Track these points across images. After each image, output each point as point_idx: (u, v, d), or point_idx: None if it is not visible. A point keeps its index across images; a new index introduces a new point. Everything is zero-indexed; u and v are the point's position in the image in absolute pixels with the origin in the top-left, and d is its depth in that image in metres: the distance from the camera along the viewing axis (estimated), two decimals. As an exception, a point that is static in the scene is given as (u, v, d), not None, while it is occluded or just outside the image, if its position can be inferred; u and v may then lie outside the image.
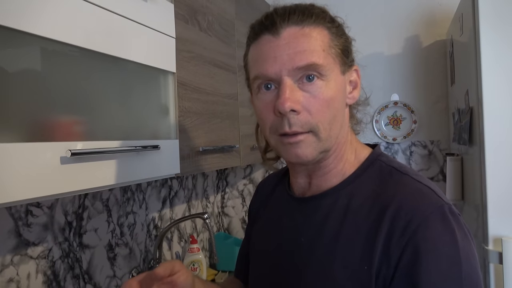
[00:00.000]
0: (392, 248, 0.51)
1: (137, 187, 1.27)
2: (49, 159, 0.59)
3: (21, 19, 0.55)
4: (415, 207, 0.52)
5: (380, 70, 1.75)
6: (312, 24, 0.56)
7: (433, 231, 0.51)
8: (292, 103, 0.54)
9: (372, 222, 0.54)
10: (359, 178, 0.60)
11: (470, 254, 0.52)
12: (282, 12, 0.56)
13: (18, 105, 0.58)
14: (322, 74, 0.55)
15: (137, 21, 0.79)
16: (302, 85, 0.55)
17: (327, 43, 0.56)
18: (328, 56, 0.56)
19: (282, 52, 0.54)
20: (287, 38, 0.55)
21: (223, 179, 1.94)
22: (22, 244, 0.88)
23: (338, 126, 0.58)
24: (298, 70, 0.54)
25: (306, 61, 0.54)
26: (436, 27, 1.69)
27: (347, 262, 0.54)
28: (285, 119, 0.55)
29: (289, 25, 0.55)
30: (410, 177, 0.57)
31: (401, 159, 1.73)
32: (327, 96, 0.55)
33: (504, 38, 1.06)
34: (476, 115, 1.12)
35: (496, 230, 1.04)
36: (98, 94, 0.73)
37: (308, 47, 0.54)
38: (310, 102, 0.55)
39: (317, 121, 0.55)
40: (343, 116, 0.60)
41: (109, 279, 1.13)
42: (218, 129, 1.17)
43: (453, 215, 0.53)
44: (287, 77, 0.54)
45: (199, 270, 1.43)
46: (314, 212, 0.61)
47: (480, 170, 1.08)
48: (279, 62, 0.55)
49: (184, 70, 0.99)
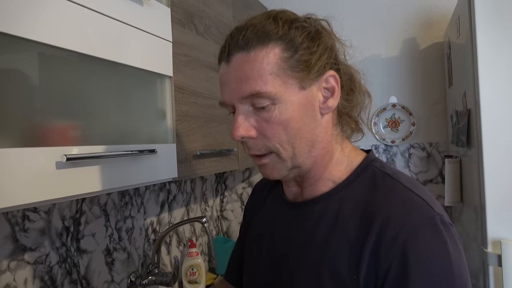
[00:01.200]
0: (380, 259, 0.50)
1: (135, 191, 1.27)
2: (44, 164, 0.59)
3: (18, 24, 0.55)
4: (404, 217, 0.51)
5: (378, 72, 1.75)
6: (259, 46, 0.53)
7: (423, 242, 0.49)
8: (243, 131, 0.55)
9: (360, 230, 0.53)
10: (352, 184, 0.59)
11: (462, 266, 0.51)
12: (234, 35, 0.56)
13: (14, 110, 0.58)
14: (272, 98, 0.53)
15: (134, 26, 0.79)
16: (256, 110, 0.55)
17: (275, 64, 0.53)
18: (277, 79, 0.53)
19: (231, 80, 0.55)
20: (234, 65, 0.55)
21: (222, 182, 1.94)
22: (19, 250, 0.88)
23: (305, 142, 0.57)
24: (245, 99, 0.54)
25: (250, 91, 0.53)
26: (433, 29, 1.69)
27: (334, 270, 0.54)
28: (244, 144, 0.58)
29: (237, 51, 0.54)
30: (402, 184, 0.56)
31: (399, 161, 1.73)
32: (282, 119, 0.54)
33: (501, 39, 1.06)
34: (474, 117, 1.12)
35: (495, 233, 1.04)
36: (94, 98, 0.73)
37: (252, 74, 0.53)
38: (263, 127, 0.55)
39: (274, 143, 0.55)
40: (313, 130, 0.57)
41: (107, 284, 1.13)
42: (216, 133, 1.17)
43: (444, 225, 0.52)
44: (239, 105, 0.55)
45: (198, 274, 1.42)
46: (306, 218, 0.60)
47: (479, 172, 1.08)
48: (230, 91, 0.56)
49: (181, 74, 0.99)
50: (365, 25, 1.75)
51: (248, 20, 0.57)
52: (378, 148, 1.76)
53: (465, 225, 1.34)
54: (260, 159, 0.57)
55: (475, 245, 1.16)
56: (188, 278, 1.42)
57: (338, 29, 0.63)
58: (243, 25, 0.56)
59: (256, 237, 0.71)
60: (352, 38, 0.62)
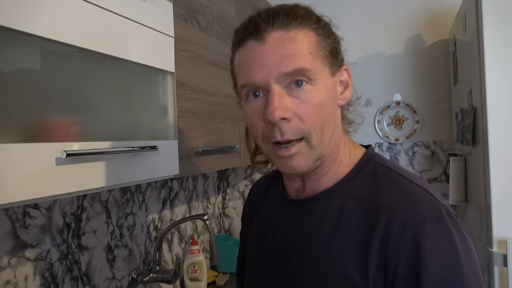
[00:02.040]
0: (389, 254, 0.50)
1: (136, 188, 1.26)
2: (44, 160, 0.58)
3: (20, 19, 0.54)
4: (410, 210, 0.51)
5: (382, 69, 1.74)
6: (298, 27, 0.54)
7: (430, 235, 0.49)
8: (281, 112, 0.52)
9: (365, 225, 0.53)
10: (353, 179, 0.58)
11: (471, 256, 0.51)
12: (266, 15, 0.54)
13: (15, 106, 0.57)
14: (311, 78, 0.53)
15: (136, 21, 0.78)
16: (291, 91, 0.53)
17: (314, 46, 0.54)
18: (316, 59, 0.54)
19: (268, 58, 0.53)
20: (272, 43, 0.53)
21: (224, 180, 1.93)
22: (19, 246, 0.87)
23: (330, 130, 0.56)
24: (286, 76, 0.52)
25: (294, 67, 0.52)
26: (438, 26, 1.67)
27: (340, 267, 0.53)
28: (276, 127, 0.53)
29: (274, 29, 0.53)
30: (404, 177, 0.56)
31: (403, 159, 1.72)
32: (318, 100, 0.53)
33: (508, 37, 1.04)
34: (480, 115, 1.10)
35: (500, 232, 1.02)
36: (96, 94, 0.72)
37: (295, 51, 0.52)
38: (301, 108, 0.53)
39: (309, 126, 0.54)
40: (335, 118, 0.58)
41: (108, 281, 1.12)
42: (218, 130, 1.16)
43: (450, 217, 0.51)
44: (275, 84, 0.53)
45: (199, 271, 1.42)
46: (309, 215, 0.60)
47: (484, 171, 1.07)
48: (265, 69, 0.53)
49: (183, 70, 0.98)
50: (370, 21, 1.73)
51: (275, 6, 0.57)
52: (381, 146, 1.75)
53: (470, 224, 1.32)
54: (288, 149, 0.54)
55: (479, 245, 1.15)
56: (189, 276, 1.41)
57: (343, 25, 0.63)
58: (273, 8, 0.56)
59: (257, 237, 0.70)
60: (357, 35, 0.62)
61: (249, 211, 0.77)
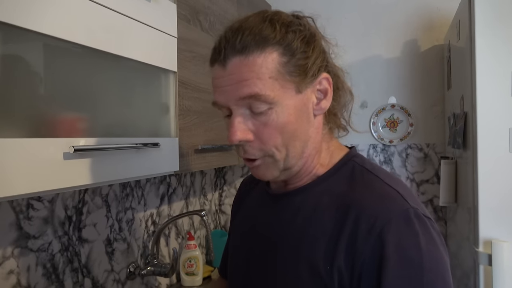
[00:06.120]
0: (356, 251, 0.51)
1: (136, 184, 1.29)
2: (52, 154, 0.60)
3: (24, 17, 0.56)
4: (379, 210, 0.52)
5: (378, 73, 1.77)
6: (257, 50, 0.53)
7: (395, 235, 0.50)
8: (241, 134, 0.55)
9: (336, 222, 0.54)
10: (331, 178, 0.60)
11: (437, 258, 0.51)
12: (229, 37, 0.55)
13: (22, 102, 0.59)
14: (269, 102, 0.54)
15: (140, 21, 0.81)
16: (253, 114, 0.55)
17: (274, 69, 0.54)
18: (276, 82, 0.54)
19: (227, 83, 0.55)
20: (231, 69, 0.54)
21: (221, 177, 1.96)
22: (22, 237, 0.90)
23: (299, 145, 0.58)
24: (242, 101, 0.54)
25: (248, 92, 0.53)
26: (434, 32, 1.71)
27: (310, 262, 0.55)
28: (239, 146, 0.57)
29: (234, 55, 0.54)
30: (380, 179, 0.58)
31: (397, 161, 1.76)
32: (279, 122, 0.55)
33: (499, 45, 1.08)
34: (470, 120, 1.14)
35: (486, 233, 1.06)
36: (100, 91, 0.75)
37: (251, 77, 0.53)
38: (260, 130, 0.55)
39: (270, 147, 0.56)
40: (307, 131, 0.59)
41: (107, 273, 1.15)
42: (217, 128, 1.19)
43: (418, 218, 0.52)
44: (236, 107, 0.55)
45: (195, 266, 1.45)
46: (285, 209, 0.62)
47: (473, 174, 1.11)
48: (225, 94, 0.56)
49: (185, 69, 1.01)
50: (367, 25, 1.76)
51: (243, 22, 0.56)
52: (376, 147, 1.79)
53: (459, 225, 1.36)
54: (252, 162, 0.58)
55: (467, 245, 1.19)
56: (186, 270, 1.44)
57: (339, 28, 0.64)
58: (238, 27, 0.55)
59: (238, 229, 0.73)
60: (354, 38, 0.64)
61: (237, 203, 0.80)
